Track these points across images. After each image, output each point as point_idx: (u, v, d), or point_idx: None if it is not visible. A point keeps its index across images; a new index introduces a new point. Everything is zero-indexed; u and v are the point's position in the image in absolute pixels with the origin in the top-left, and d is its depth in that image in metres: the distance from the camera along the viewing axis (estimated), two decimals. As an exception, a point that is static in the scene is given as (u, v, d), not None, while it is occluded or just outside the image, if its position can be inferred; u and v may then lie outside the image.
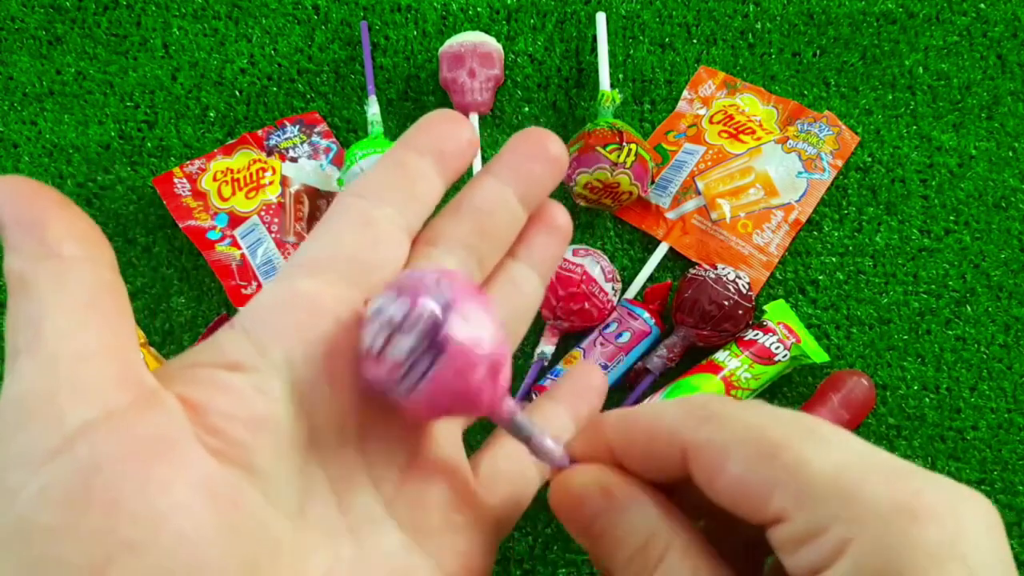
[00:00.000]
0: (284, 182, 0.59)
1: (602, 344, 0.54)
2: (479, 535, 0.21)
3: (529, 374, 0.54)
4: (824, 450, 0.16)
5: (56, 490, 0.14)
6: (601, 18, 0.62)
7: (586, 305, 0.53)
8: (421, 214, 0.22)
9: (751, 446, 0.17)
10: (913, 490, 0.15)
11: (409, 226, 0.21)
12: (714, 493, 0.17)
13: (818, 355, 0.53)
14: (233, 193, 0.59)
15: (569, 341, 0.56)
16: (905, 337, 0.56)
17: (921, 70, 0.63)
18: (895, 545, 0.15)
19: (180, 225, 0.57)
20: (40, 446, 0.15)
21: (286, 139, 0.61)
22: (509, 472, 0.23)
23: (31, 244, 0.16)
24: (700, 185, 0.59)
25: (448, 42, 0.61)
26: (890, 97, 0.63)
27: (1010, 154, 0.61)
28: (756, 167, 0.59)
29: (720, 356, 0.53)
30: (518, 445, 0.20)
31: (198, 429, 0.16)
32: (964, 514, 0.15)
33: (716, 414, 0.17)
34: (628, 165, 0.54)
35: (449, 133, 0.23)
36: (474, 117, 0.60)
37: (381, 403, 0.19)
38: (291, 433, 0.18)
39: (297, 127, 0.61)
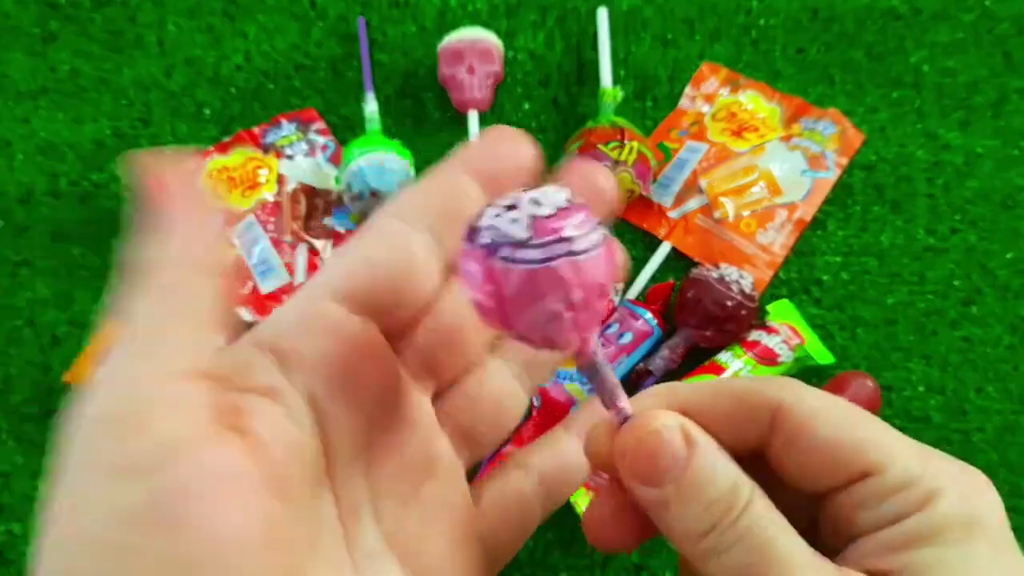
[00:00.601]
0: (280, 180, 0.58)
1: (603, 345, 0.53)
2: (478, 570, 0.21)
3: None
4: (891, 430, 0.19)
5: (130, 510, 0.15)
6: (603, 14, 0.62)
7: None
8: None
9: (842, 410, 0.18)
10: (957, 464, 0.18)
11: (446, 255, 0.20)
12: (800, 452, 0.18)
13: (823, 356, 0.52)
14: (229, 191, 0.58)
15: (570, 342, 0.55)
16: (911, 338, 0.56)
17: (927, 67, 0.62)
18: (971, 497, 0.18)
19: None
20: (122, 460, 0.15)
21: (282, 137, 0.60)
22: (511, 503, 0.22)
23: (177, 251, 0.17)
24: (703, 183, 0.58)
25: (447, 38, 0.60)
26: (895, 95, 0.62)
27: (1016, 152, 0.60)
28: (760, 165, 0.58)
29: (723, 357, 0.52)
30: (520, 475, 0.21)
31: (254, 461, 0.16)
32: (988, 491, 0.18)
33: (803, 386, 0.19)
34: (630, 163, 0.53)
35: (506, 154, 0.21)
36: (473, 114, 0.59)
37: (389, 436, 0.20)
38: (314, 464, 0.18)
39: (294, 124, 0.61)
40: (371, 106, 0.58)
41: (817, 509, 0.19)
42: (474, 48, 0.59)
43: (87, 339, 0.52)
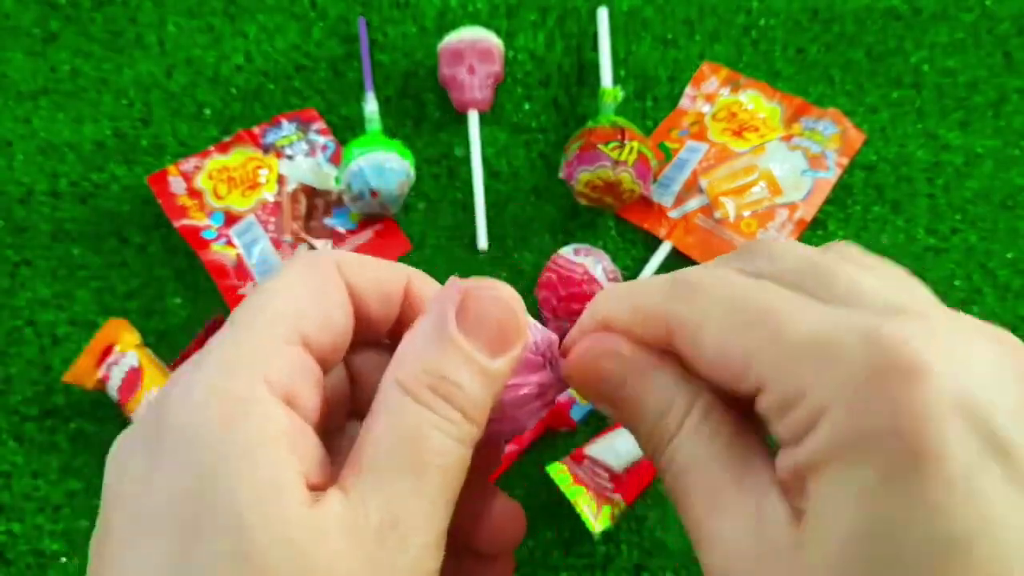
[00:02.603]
0: (280, 180, 0.58)
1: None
2: None
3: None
4: (809, 312, 0.15)
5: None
6: (603, 14, 0.62)
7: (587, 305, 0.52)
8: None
9: (730, 317, 0.16)
10: (899, 344, 0.14)
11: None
12: (697, 368, 0.17)
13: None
14: (229, 191, 0.58)
15: (570, 342, 0.55)
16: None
17: (927, 67, 0.62)
18: (875, 410, 0.14)
19: (174, 224, 0.56)
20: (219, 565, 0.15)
21: (283, 137, 0.60)
22: None
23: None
24: (703, 183, 0.58)
25: (447, 38, 0.60)
26: (895, 94, 0.62)
27: (1017, 152, 0.60)
28: (760, 165, 0.58)
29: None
30: None
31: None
32: (967, 359, 0.14)
33: (700, 287, 0.18)
34: (630, 163, 0.53)
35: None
36: (473, 114, 0.59)
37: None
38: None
39: (294, 124, 0.61)
40: (371, 106, 0.58)
41: None
42: (474, 48, 0.59)
43: (87, 339, 0.52)
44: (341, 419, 0.22)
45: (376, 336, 0.22)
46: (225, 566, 0.15)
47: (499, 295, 0.19)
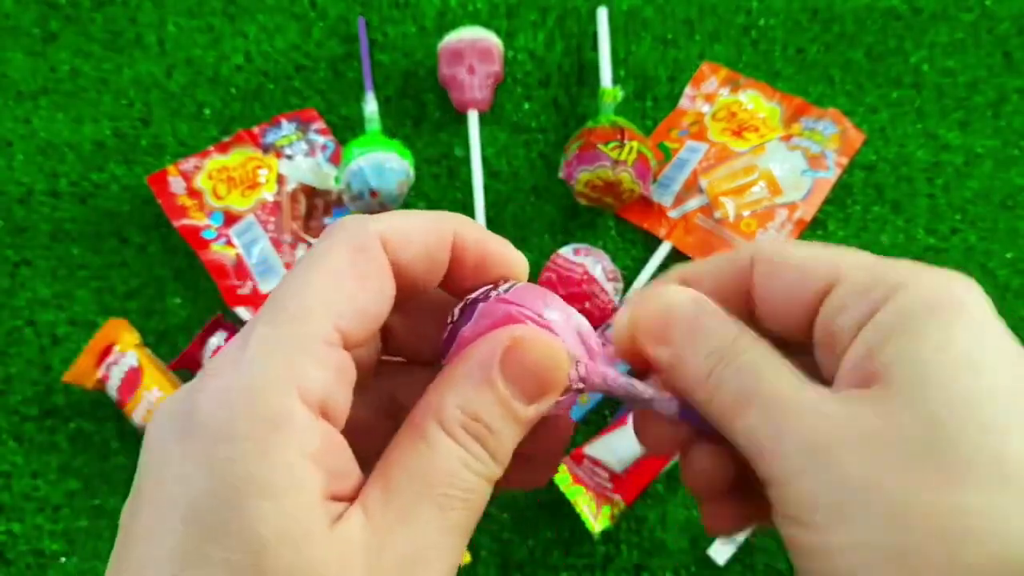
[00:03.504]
0: (280, 180, 0.58)
1: (603, 344, 0.53)
2: None
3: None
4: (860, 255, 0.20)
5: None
6: (603, 14, 0.62)
7: (587, 305, 0.52)
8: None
9: (804, 245, 0.21)
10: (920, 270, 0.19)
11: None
12: (773, 278, 0.21)
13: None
14: (229, 191, 0.58)
15: (570, 342, 0.55)
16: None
17: (927, 67, 0.62)
18: (939, 285, 0.18)
19: (174, 224, 0.56)
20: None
21: (282, 137, 0.60)
22: None
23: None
24: (703, 183, 0.58)
25: (447, 38, 0.60)
26: (895, 94, 0.62)
27: (1016, 152, 0.60)
28: (760, 165, 0.58)
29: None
30: None
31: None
32: (959, 280, 0.19)
33: (776, 255, 0.21)
34: (630, 163, 0.53)
35: None
36: (473, 114, 0.59)
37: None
38: None
39: (294, 124, 0.61)
40: (371, 106, 0.58)
41: (812, 361, 0.20)
42: (474, 48, 0.59)
43: (87, 339, 0.52)
44: (368, 380, 0.22)
45: (418, 293, 0.21)
46: None
47: (547, 349, 0.20)
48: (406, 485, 0.18)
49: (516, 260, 0.22)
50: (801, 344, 0.21)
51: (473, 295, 0.21)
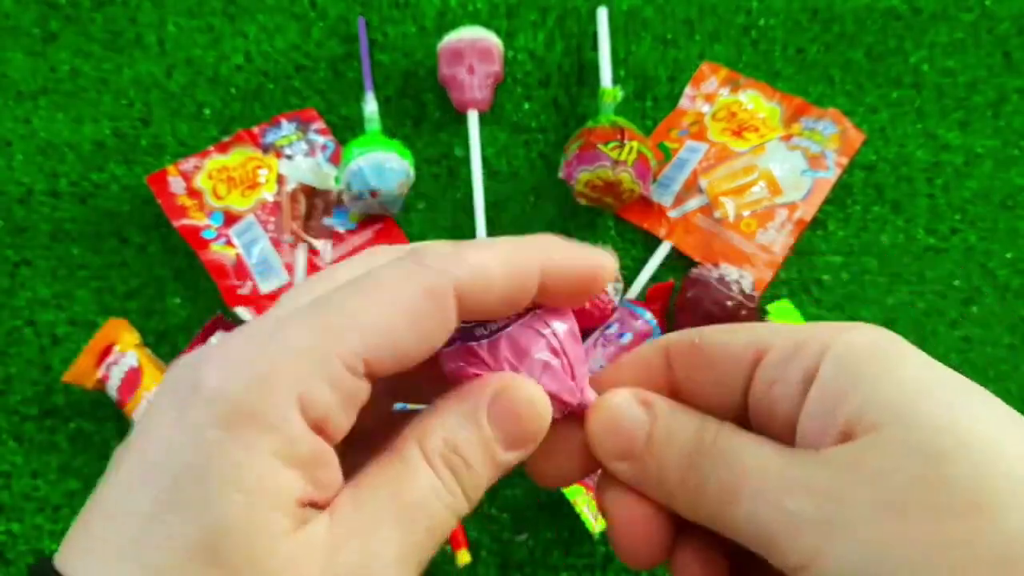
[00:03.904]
0: (280, 180, 0.58)
1: (603, 345, 0.53)
2: None
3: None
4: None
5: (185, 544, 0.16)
6: (603, 14, 0.62)
7: (587, 305, 0.52)
8: None
9: (718, 328, 0.21)
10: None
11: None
12: (698, 368, 0.21)
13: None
14: (228, 191, 0.58)
15: (570, 342, 0.55)
16: (910, 338, 0.55)
17: (927, 67, 0.62)
18: (867, 336, 0.18)
19: (174, 224, 0.56)
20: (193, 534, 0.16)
21: (282, 137, 0.60)
22: None
23: None
24: (703, 183, 0.58)
25: (447, 38, 0.60)
26: (895, 94, 0.62)
27: (1016, 152, 0.60)
28: (760, 165, 0.58)
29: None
30: None
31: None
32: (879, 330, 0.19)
33: (685, 333, 0.21)
34: (630, 163, 0.53)
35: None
36: (473, 114, 0.59)
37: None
38: None
39: (294, 124, 0.61)
40: (371, 106, 0.58)
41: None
42: (474, 48, 0.59)
43: (87, 339, 0.52)
44: (381, 398, 0.21)
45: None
46: (189, 553, 0.15)
47: (534, 401, 0.20)
48: (376, 499, 0.18)
49: (605, 271, 0.21)
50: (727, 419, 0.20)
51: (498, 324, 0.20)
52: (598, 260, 0.20)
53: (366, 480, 0.18)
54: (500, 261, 0.19)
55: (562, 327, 0.21)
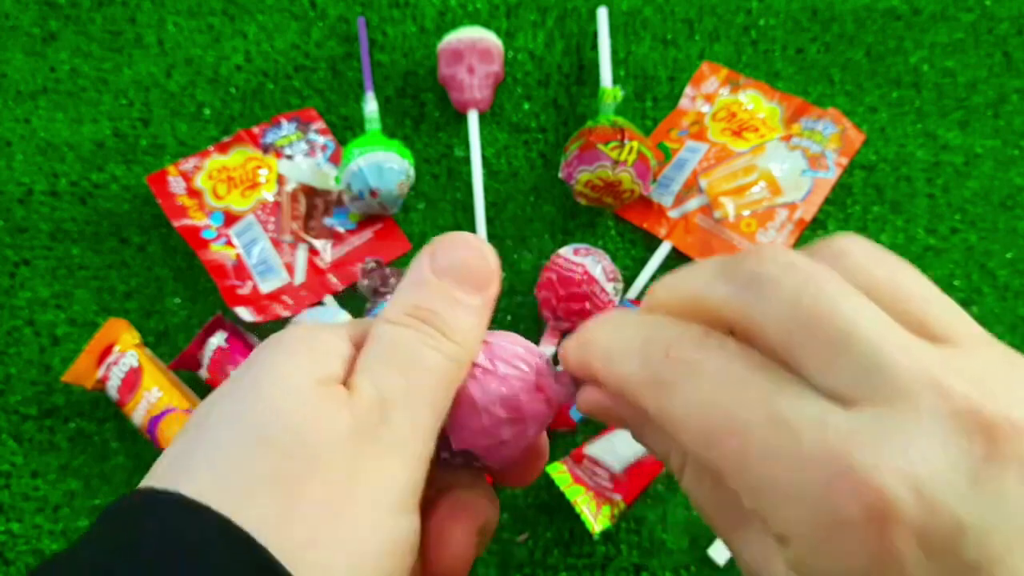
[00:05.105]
0: (280, 180, 0.58)
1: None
2: None
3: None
4: (779, 435, 0.18)
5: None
6: (603, 14, 0.62)
7: (587, 305, 0.52)
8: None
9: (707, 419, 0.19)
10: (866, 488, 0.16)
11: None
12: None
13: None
14: (228, 191, 0.58)
15: (570, 342, 0.55)
16: (911, 338, 0.55)
17: (927, 67, 0.62)
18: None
19: (174, 224, 0.56)
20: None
21: (282, 136, 0.60)
22: None
23: None
24: (703, 183, 0.58)
25: (446, 38, 0.60)
26: (895, 94, 0.62)
27: (1016, 152, 0.60)
28: (760, 165, 0.58)
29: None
30: None
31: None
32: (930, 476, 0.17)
33: (681, 375, 0.19)
34: (630, 163, 0.53)
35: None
36: (473, 114, 0.59)
37: None
38: None
39: (293, 124, 0.60)
40: (371, 106, 0.58)
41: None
42: (474, 48, 0.59)
43: (87, 339, 0.52)
44: None
45: None
46: (237, 396, 0.18)
47: (466, 239, 0.21)
48: (371, 359, 0.20)
49: None
50: None
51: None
52: None
53: (359, 358, 0.20)
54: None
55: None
